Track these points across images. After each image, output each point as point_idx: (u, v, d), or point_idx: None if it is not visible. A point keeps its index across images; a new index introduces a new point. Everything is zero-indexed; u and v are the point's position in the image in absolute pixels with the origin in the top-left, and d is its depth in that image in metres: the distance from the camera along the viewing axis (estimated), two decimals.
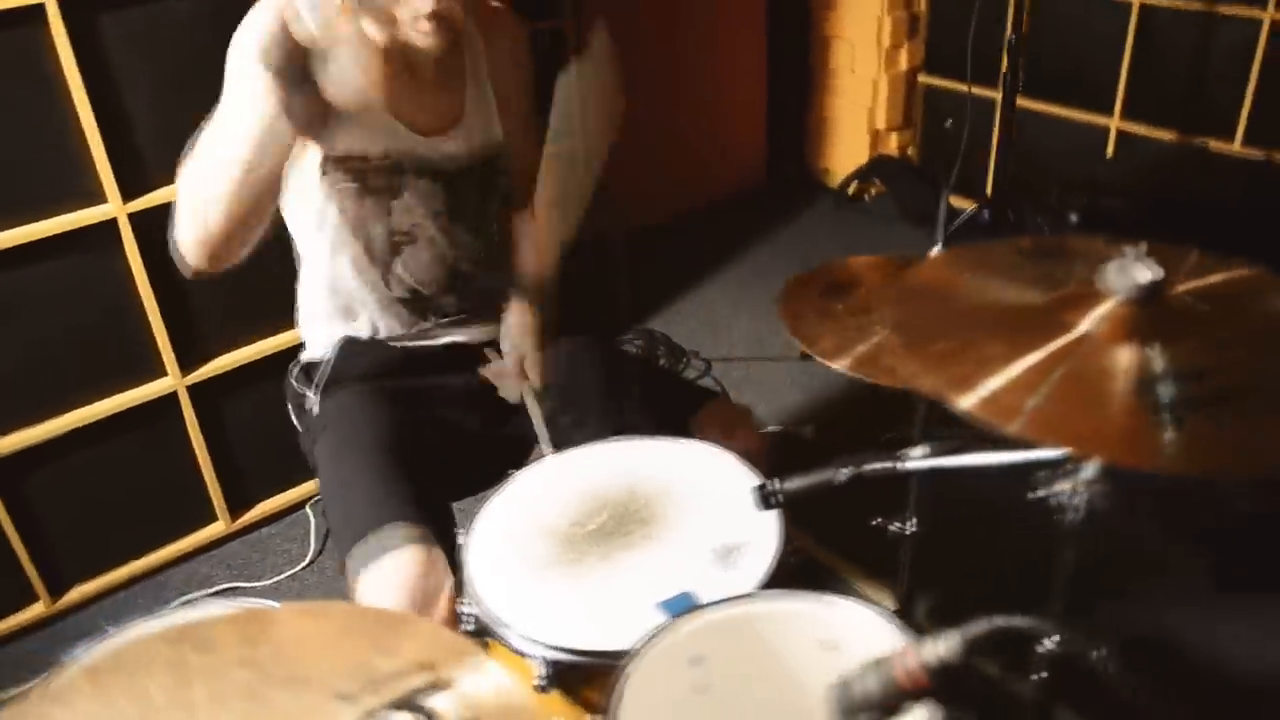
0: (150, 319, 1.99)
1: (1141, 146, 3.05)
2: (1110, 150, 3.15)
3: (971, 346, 0.79)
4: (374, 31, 1.07)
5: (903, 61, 3.56)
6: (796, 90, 3.77)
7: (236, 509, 2.26)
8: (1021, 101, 3.25)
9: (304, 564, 2.19)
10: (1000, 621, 0.66)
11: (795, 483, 1.11)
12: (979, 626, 0.66)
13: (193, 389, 2.09)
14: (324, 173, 1.37)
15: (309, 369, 1.51)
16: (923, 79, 3.58)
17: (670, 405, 1.52)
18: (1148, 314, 0.79)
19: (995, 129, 3.36)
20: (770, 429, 2.46)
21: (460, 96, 1.46)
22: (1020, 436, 0.79)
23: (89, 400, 1.99)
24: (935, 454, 1.03)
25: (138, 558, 2.15)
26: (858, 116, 3.66)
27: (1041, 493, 0.87)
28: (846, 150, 3.74)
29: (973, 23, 2.78)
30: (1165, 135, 2.99)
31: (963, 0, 3.29)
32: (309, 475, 2.31)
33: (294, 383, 1.53)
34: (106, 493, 2.08)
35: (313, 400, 1.48)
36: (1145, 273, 0.79)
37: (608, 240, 2.99)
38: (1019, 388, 0.79)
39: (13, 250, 1.81)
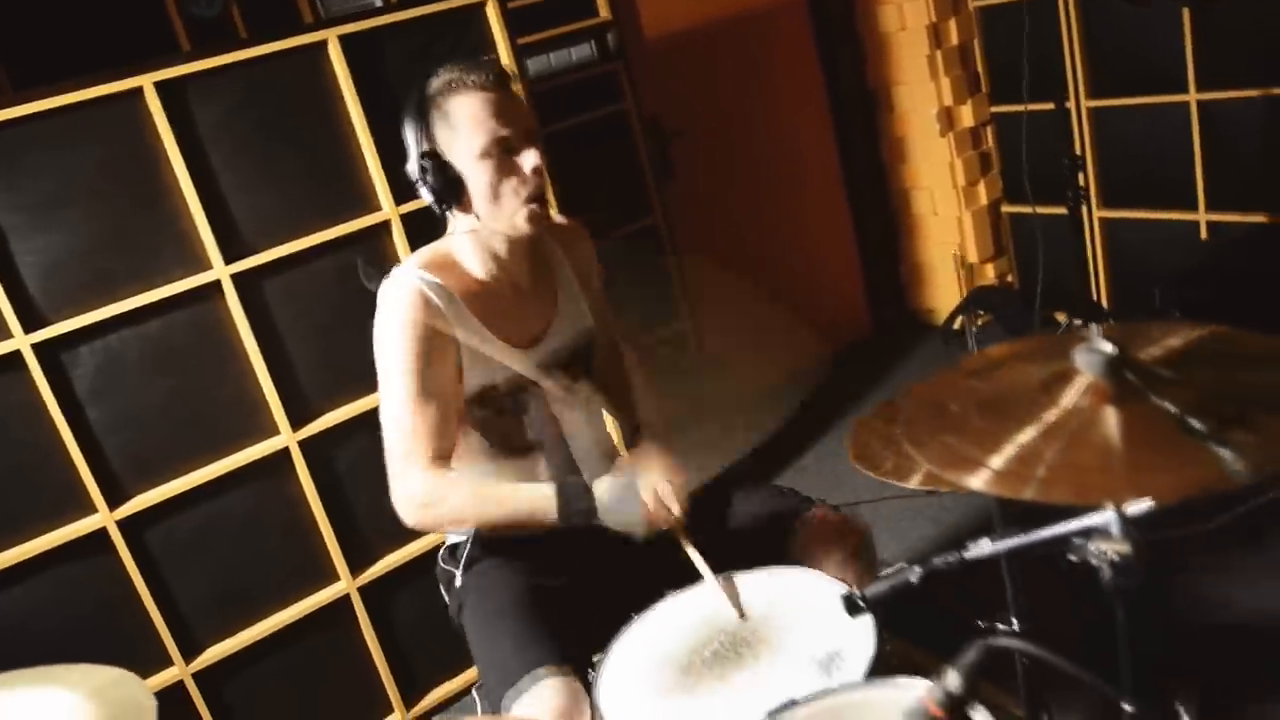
0: (323, 531, 2.27)
1: (1232, 234, 3.07)
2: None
3: (971, 433, 0.92)
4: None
5: (982, 196, 3.73)
6: (885, 242, 3.97)
7: (410, 701, 2.44)
8: (1110, 213, 3.35)
9: None
10: (984, 644, 0.75)
11: (876, 587, 1.21)
12: (967, 655, 0.75)
13: (363, 589, 2.33)
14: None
15: (454, 549, 1.71)
16: (1005, 208, 3.72)
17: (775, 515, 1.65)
18: (1121, 379, 0.90)
19: (1087, 244, 3.46)
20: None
21: (550, 299, 1.71)
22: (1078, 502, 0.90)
23: (277, 607, 2.25)
24: (996, 542, 1.13)
25: None
26: (948, 254, 3.80)
27: (1075, 558, 0.95)
28: (945, 288, 3.87)
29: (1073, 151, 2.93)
30: (1256, 218, 3.01)
31: (1027, 130, 3.49)
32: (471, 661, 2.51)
33: (442, 564, 1.73)
34: (291, 693, 2.30)
35: (458, 576, 1.68)
36: (1107, 348, 0.91)
37: None
38: (1026, 460, 0.90)
39: (206, 485, 2.13)
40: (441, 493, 1.50)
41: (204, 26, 2.58)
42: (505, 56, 2.34)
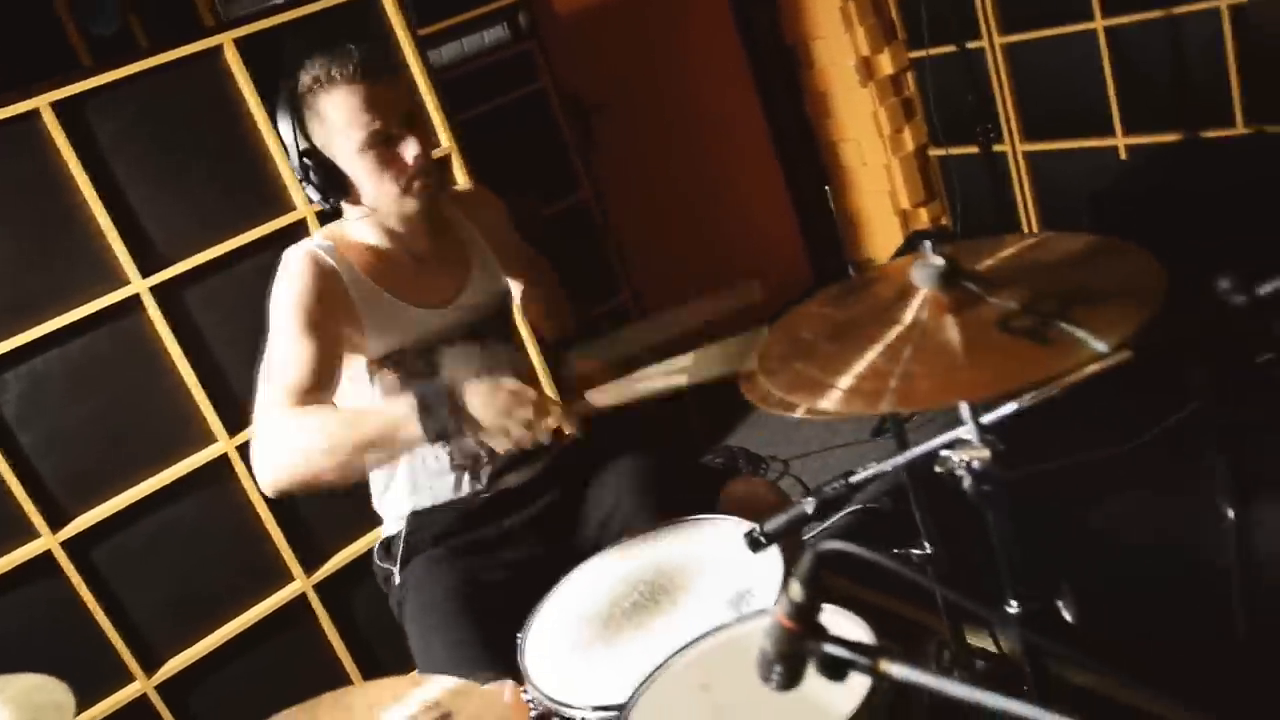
0: (272, 534, 2.29)
1: (1149, 154, 3.13)
2: None
3: (820, 358, 0.95)
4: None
5: (908, 142, 3.76)
6: (819, 196, 4.00)
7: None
8: (1032, 145, 3.40)
9: None
10: (815, 551, 0.79)
11: (775, 522, 1.25)
12: (803, 564, 0.78)
13: (319, 587, 2.35)
14: (371, 376, 1.63)
15: (388, 544, 1.73)
16: (932, 152, 3.76)
17: (697, 489, 1.68)
18: (958, 289, 0.94)
19: (1013, 179, 3.51)
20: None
21: (460, 264, 1.72)
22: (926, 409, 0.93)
23: (235, 612, 2.27)
24: (879, 465, 1.17)
25: None
26: (882, 203, 3.84)
27: (941, 470, 0.99)
28: (882, 236, 3.91)
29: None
30: (1169, 137, 3.06)
31: (945, 73, 3.53)
32: None
33: (378, 561, 1.75)
34: (258, 696, 2.31)
35: (394, 572, 1.69)
36: (938, 261, 0.95)
37: None
38: (873, 377, 0.93)
39: (148, 498, 2.14)
40: (291, 425, 1.40)
41: (105, 44, 2.57)
42: (406, 46, 2.35)
